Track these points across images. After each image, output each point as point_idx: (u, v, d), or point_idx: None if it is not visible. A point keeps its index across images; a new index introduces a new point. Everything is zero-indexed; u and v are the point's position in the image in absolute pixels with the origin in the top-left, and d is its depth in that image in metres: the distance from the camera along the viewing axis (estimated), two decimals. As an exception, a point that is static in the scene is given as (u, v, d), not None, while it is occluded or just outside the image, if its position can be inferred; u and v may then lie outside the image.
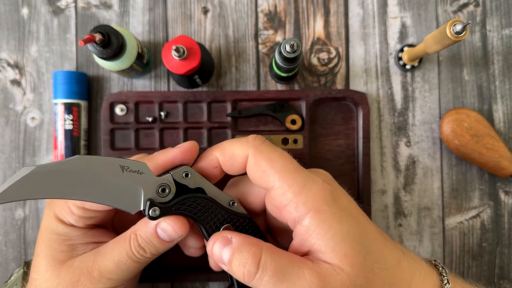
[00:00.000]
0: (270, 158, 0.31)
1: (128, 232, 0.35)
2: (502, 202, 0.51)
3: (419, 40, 0.52)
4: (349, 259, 0.28)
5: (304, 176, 0.31)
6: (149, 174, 0.32)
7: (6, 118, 0.51)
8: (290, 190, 0.30)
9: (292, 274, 0.28)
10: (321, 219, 0.29)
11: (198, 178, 0.33)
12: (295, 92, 0.50)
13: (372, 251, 0.29)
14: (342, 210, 0.30)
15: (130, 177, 0.31)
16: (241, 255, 0.29)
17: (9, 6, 0.52)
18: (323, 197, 0.30)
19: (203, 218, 0.33)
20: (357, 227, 0.30)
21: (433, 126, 0.52)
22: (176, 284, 0.51)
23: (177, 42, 0.43)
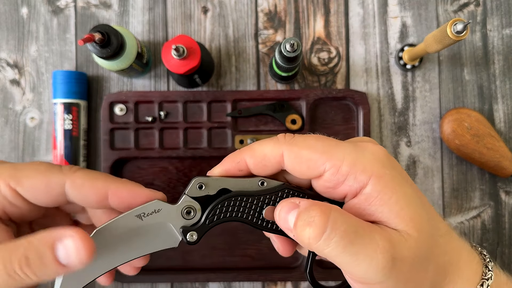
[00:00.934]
0: (309, 145, 0.29)
1: (21, 239, 0.28)
2: (502, 202, 0.51)
3: (420, 39, 0.52)
4: (415, 223, 0.26)
5: (352, 146, 0.28)
6: (166, 206, 0.31)
7: (6, 118, 0.51)
8: (344, 164, 0.27)
9: (364, 236, 0.25)
10: (383, 184, 0.27)
11: (216, 181, 0.31)
12: (295, 92, 0.49)
13: (431, 217, 0.28)
14: (400, 173, 0.28)
15: (152, 219, 0.31)
16: (308, 214, 0.26)
17: (9, 5, 0.52)
18: (380, 161, 0.28)
19: (242, 215, 0.30)
20: (416, 191, 0.28)
21: (434, 126, 0.51)
22: (176, 284, 0.51)
23: (177, 42, 0.43)
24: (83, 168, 0.34)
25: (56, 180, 0.32)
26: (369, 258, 0.25)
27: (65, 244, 0.28)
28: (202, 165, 0.50)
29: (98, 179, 0.33)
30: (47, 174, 0.32)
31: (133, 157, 0.49)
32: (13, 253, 0.27)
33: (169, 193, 0.50)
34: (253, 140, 0.49)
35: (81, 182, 0.32)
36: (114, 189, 0.33)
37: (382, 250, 0.25)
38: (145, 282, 0.49)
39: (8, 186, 0.32)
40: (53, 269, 0.28)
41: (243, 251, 0.50)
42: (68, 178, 0.32)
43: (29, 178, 0.32)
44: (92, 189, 0.32)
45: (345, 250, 0.25)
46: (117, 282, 0.50)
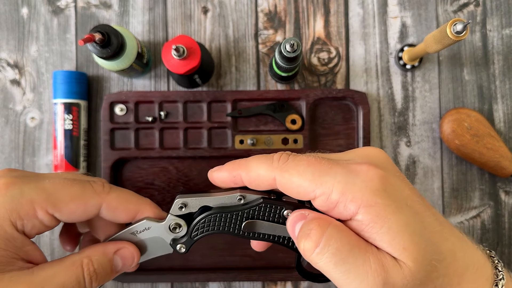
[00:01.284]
0: (299, 172, 0.29)
1: (75, 256, 0.33)
2: (502, 202, 0.51)
3: (419, 39, 0.52)
4: (409, 253, 0.26)
5: (343, 171, 0.28)
6: (154, 225, 0.35)
7: (6, 118, 0.51)
8: (333, 192, 0.28)
9: (357, 257, 0.26)
10: (374, 213, 0.27)
11: (196, 201, 0.34)
12: (295, 92, 0.50)
13: (430, 243, 0.27)
14: (396, 199, 0.27)
15: (144, 235, 0.35)
16: (308, 226, 0.28)
17: (9, 6, 0.52)
18: (372, 189, 0.27)
19: (223, 229, 0.33)
20: (414, 217, 0.27)
21: (434, 126, 0.51)
22: (176, 284, 0.51)
23: (177, 42, 0.43)
24: (114, 187, 0.36)
25: (94, 203, 0.34)
26: (360, 279, 0.26)
27: (121, 254, 0.34)
28: (202, 165, 0.50)
29: (130, 202, 0.36)
30: (84, 197, 0.34)
31: (133, 157, 0.49)
32: (81, 272, 0.32)
33: (169, 193, 0.50)
34: (253, 140, 0.49)
35: (116, 205, 0.35)
36: (142, 211, 0.36)
37: (374, 274, 0.25)
38: (145, 282, 0.49)
39: (46, 212, 0.32)
40: (110, 277, 0.34)
41: (243, 251, 0.50)
42: (104, 201, 0.35)
43: (67, 203, 0.33)
44: (125, 212, 0.35)
45: (336, 267, 0.26)
46: (117, 282, 0.50)
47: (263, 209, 0.32)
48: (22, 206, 0.31)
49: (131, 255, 0.35)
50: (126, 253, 0.35)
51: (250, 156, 0.32)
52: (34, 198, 0.32)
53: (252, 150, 0.49)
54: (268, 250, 0.51)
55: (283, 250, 0.50)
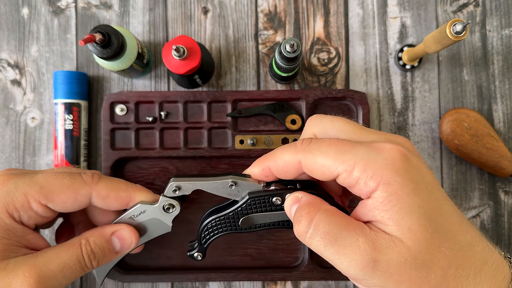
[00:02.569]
0: (322, 151, 0.30)
1: (75, 239, 0.36)
2: (502, 202, 0.51)
3: (419, 40, 0.52)
4: (412, 233, 0.27)
5: (365, 149, 0.29)
6: (149, 207, 0.38)
7: (6, 118, 0.51)
8: (355, 169, 0.28)
9: (346, 238, 0.27)
10: (390, 191, 0.27)
11: (189, 184, 0.36)
12: (295, 92, 0.50)
13: (442, 229, 0.28)
14: (417, 181, 0.28)
15: (141, 218, 0.38)
16: (300, 212, 0.30)
17: (10, 6, 0.52)
18: (393, 167, 0.28)
19: (225, 230, 0.36)
20: (430, 202, 0.28)
21: (433, 126, 0.52)
22: (177, 283, 0.51)
23: (177, 42, 0.43)
24: (104, 177, 0.39)
25: (83, 193, 0.37)
26: (349, 258, 0.27)
27: (119, 235, 0.37)
28: (202, 165, 0.50)
29: (120, 189, 0.38)
30: (74, 188, 0.36)
31: (133, 157, 0.49)
32: (80, 251, 0.35)
33: (169, 193, 0.50)
34: (253, 140, 0.49)
35: (106, 193, 0.37)
36: (133, 197, 0.38)
37: (362, 253, 0.27)
38: (146, 281, 0.50)
39: (39, 203, 0.35)
40: (110, 257, 0.37)
41: (243, 251, 0.50)
42: (93, 190, 0.37)
43: (58, 194, 0.36)
44: (116, 199, 0.38)
45: (326, 249, 0.28)
46: (117, 282, 0.51)
47: (252, 203, 0.34)
48: (17, 199, 0.34)
49: (128, 235, 0.37)
50: (123, 234, 0.37)
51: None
52: (27, 191, 0.35)
53: (252, 150, 0.49)
54: (268, 250, 0.51)
55: (283, 250, 0.51)
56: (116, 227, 0.38)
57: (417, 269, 0.27)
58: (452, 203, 0.30)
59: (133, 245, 0.38)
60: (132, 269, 0.50)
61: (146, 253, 0.50)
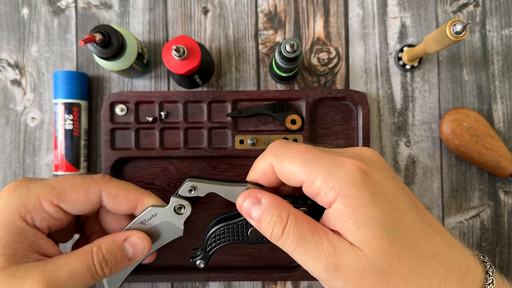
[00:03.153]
0: (290, 157, 0.32)
1: (87, 246, 0.35)
2: (502, 202, 0.51)
3: (419, 40, 0.52)
4: (369, 243, 0.28)
5: (328, 162, 0.31)
6: (160, 210, 0.37)
7: (7, 118, 0.51)
8: (317, 179, 0.30)
9: (312, 241, 0.30)
10: (347, 204, 0.29)
11: (205, 186, 0.36)
12: (295, 92, 0.50)
13: (401, 239, 0.29)
14: (374, 193, 0.30)
15: (153, 222, 0.38)
16: (271, 218, 0.31)
17: (10, 6, 0.52)
18: (351, 180, 0.29)
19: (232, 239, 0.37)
20: (388, 213, 0.29)
21: (433, 126, 0.52)
22: (176, 284, 0.51)
23: (177, 42, 0.43)
24: (114, 178, 0.39)
25: (94, 191, 0.37)
26: (314, 260, 0.29)
27: (131, 241, 0.37)
28: (203, 165, 0.50)
29: (129, 190, 0.38)
30: (85, 186, 0.37)
31: (133, 157, 0.49)
32: (91, 258, 0.34)
33: (169, 192, 0.50)
34: (253, 140, 0.49)
35: (116, 192, 0.38)
36: (142, 200, 0.38)
37: (325, 255, 0.29)
38: (146, 281, 0.50)
39: (51, 203, 0.35)
40: (122, 264, 0.36)
41: (243, 251, 0.51)
42: (103, 188, 0.37)
43: (69, 192, 0.36)
44: (125, 199, 0.38)
45: (295, 250, 0.30)
46: (117, 282, 0.51)
47: None
48: (29, 201, 0.34)
49: (141, 241, 0.37)
50: (135, 240, 0.37)
51: None
52: (39, 193, 0.35)
53: (252, 150, 0.49)
54: (268, 250, 0.51)
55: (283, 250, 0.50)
56: (129, 233, 0.37)
57: (376, 275, 0.29)
58: (417, 212, 0.31)
59: (146, 251, 0.37)
60: (132, 269, 0.50)
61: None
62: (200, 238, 0.50)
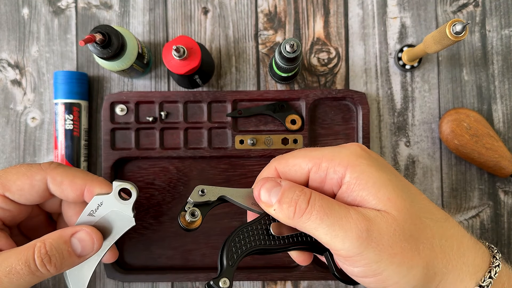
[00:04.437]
0: (292, 155, 0.33)
1: (32, 242, 0.34)
2: (501, 201, 0.51)
3: (419, 40, 0.52)
4: (393, 203, 0.28)
5: (330, 148, 0.32)
6: (105, 198, 0.36)
7: (7, 118, 0.52)
8: (323, 160, 0.31)
9: (339, 211, 0.29)
10: (360, 171, 0.29)
11: (215, 190, 0.34)
12: (295, 92, 0.50)
13: (417, 202, 0.29)
14: (378, 164, 0.30)
15: (102, 212, 0.36)
16: (293, 193, 0.30)
17: (10, 6, 0.52)
18: (357, 153, 0.31)
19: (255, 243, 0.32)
20: (398, 179, 0.30)
21: (433, 126, 0.52)
22: (177, 283, 0.51)
23: (177, 42, 0.43)
24: (62, 165, 0.38)
25: (39, 178, 0.36)
26: (344, 229, 0.28)
27: (78, 237, 0.34)
28: (203, 165, 0.50)
29: (76, 176, 0.37)
30: (29, 174, 0.36)
31: (133, 157, 0.50)
32: (31, 254, 0.32)
33: (169, 192, 0.50)
34: (253, 140, 0.49)
35: (61, 179, 0.36)
36: (89, 187, 0.37)
37: (356, 222, 0.28)
38: (146, 281, 0.50)
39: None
40: (70, 261, 0.34)
41: (243, 251, 0.51)
42: (48, 175, 0.36)
43: (14, 181, 0.36)
44: (70, 186, 0.36)
45: (322, 222, 0.28)
46: (118, 282, 0.51)
47: None
48: None
49: (88, 236, 0.35)
50: (82, 235, 0.35)
51: None
52: None
53: (252, 150, 0.49)
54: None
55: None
56: (77, 228, 0.35)
57: (407, 240, 0.28)
58: (412, 185, 0.32)
59: (96, 246, 0.35)
60: (132, 269, 0.50)
61: (147, 253, 0.50)
62: (200, 238, 0.51)
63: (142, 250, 0.50)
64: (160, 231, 0.50)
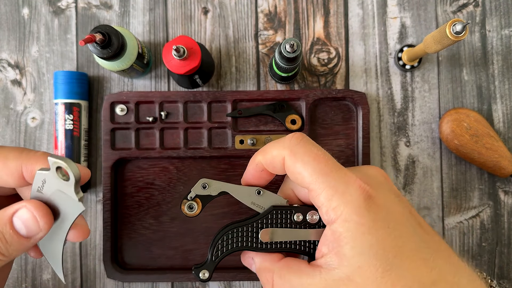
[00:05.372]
0: (303, 160, 0.31)
1: None
2: (501, 201, 0.51)
3: (419, 40, 0.52)
4: (362, 271, 0.28)
5: (338, 179, 0.30)
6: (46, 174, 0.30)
7: (7, 118, 0.52)
8: (323, 194, 0.30)
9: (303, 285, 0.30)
10: (346, 229, 0.29)
11: (217, 184, 0.35)
12: (295, 92, 0.50)
13: (397, 268, 0.28)
14: (375, 220, 0.29)
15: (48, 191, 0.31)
16: (262, 278, 0.34)
17: (10, 6, 0.52)
18: (355, 204, 0.29)
19: (242, 244, 0.35)
20: (387, 241, 0.29)
21: (433, 126, 0.52)
22: (176, 283, 0.51)
23: (177, 42, 0.43)
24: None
25: None
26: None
27: (19, 215, 0.29)
28: (203, 165, 0.50)
29: (8, 158, 0.31)
30: None
31: (134, 157, 0.50)
32: None
33: (169, 192, 0.50)
34: (253, 140, 0.49)
35: None
36: (26, 166, 0.31)
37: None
38: (146, 281, 0.50)
39: None
40: (18, 244, 0.29)
41: (243, 251, 0.51)
42: None
43: None
44: (5, 170, 0.31)
45: None
46: (117, 282, 0.51)
47: (274, 216, 0.34)
48: None
49: (30, 214, 0.29)
50: (23, 214, 0.29)
51: None
52: None
53: (252, 150, 0.49)
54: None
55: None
56: (17, 205, 0.30)
57: None
58: (422, 238, 0.30)
59: (43, 224, 0.29)
60: (132, 269, 0.50)
61: (147, 253, 0.50)
62: (200, 238, 0.50)
63: (142, 250, 0.50)
64: (160, 231, 0.50)
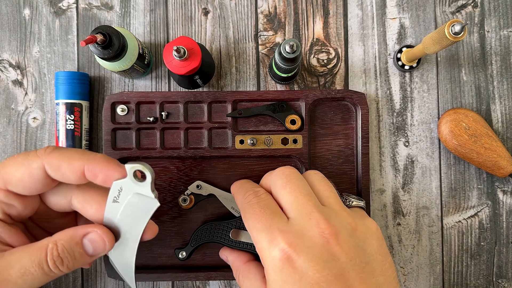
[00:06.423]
0: (245, 217, 0.38)
1: (43, 241, 0.33)
2: (500, 201, 0.52)
3: (418, 41, 0.52)
4: None
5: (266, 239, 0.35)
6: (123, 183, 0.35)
7: (8, 118, 0.52)
8: (257, 246, 0.36)
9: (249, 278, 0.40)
10: (268, 277, 0.34)
11: (209, 187, 0.47)
12: (295, 93, 0.50)
13: None
14: (286, 281, 0.33)
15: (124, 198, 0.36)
16: (233, 271, 0.44)
17: (11, 7, 0.52)
18: (272, 263, 0.34)
19: (216, 237, 0.45)
20: None
21: (432, 126, 0.52)
22: (177, 282, 0.51)
23: (178, 43, 0.43)
24: (58, 148, 0.36)
25: (36, 166, 0.34)
26: None
27: (90, 238, 0.34)
28: (203, 164, 0.51)
29: (73, 158, 0.35)
30: (26, 163, 0.34)
31: (134, 157, 0.50)
32: (44, 256, 0.32)
33: (170, 192, 0.51)
34: (253, 140, 0.49)
35: (58, 163, 0.34)
36: (88, 166, 0.35)
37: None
38: (147, 280, 0.50)
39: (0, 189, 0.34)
40: (83, 261, 0.35)
41: (243, 250, 0.51)
42: (45, 161, 0.34)
43: (13, 173, 0.34)
44: (69, 169, 0.34)
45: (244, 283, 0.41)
46: (118, 281, 0.51)
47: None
48: None
49: (100, 238, 0.35)
50: (94, 237, 0.35)
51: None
52: None
53: (252, 150, 0.50)
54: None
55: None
56: (88, 228, 0.35)
57: None
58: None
59: (108, 247, 0.35)
60: (133, 268, 0.50)
61: (147, 252, 0.51)
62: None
63: (142, 249, 0.50)
64: (161, 230, 0.51)
